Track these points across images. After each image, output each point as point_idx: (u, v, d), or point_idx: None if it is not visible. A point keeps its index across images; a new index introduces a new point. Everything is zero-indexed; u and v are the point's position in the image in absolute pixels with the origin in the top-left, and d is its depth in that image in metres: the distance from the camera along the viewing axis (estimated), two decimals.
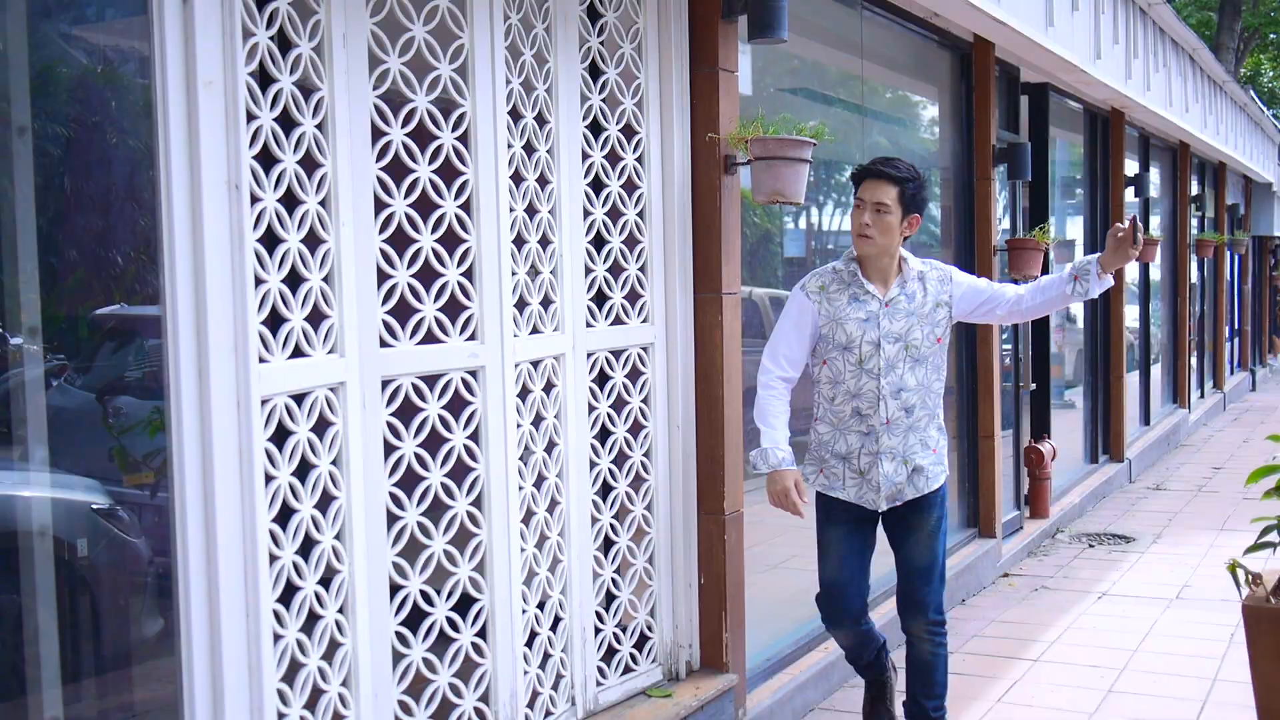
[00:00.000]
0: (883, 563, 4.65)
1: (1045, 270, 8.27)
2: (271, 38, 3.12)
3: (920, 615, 4.43)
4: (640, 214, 4.46)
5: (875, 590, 5.00)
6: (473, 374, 3.72)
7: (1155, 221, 13.22)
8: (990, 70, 7.55)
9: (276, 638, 3.12)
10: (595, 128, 4.26)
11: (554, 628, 4.10)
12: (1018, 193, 8.72)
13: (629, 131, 4.40)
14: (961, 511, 7.62)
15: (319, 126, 3.26)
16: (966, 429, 7.65)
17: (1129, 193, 11.56)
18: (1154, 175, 13.11)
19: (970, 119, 7.62)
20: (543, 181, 4.02)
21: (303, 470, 3.24)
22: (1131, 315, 12.35)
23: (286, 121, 3.19)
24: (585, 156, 4.19)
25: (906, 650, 4.55)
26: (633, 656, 4.46)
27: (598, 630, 4.28)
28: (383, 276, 3.44)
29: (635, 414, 4.47)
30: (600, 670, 4.30)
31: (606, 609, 4.35)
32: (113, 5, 3.37)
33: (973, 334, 7.60)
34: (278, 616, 3.13)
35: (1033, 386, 8.92)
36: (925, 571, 4.42)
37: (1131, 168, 11.97)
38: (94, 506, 3.52)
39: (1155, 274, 13.66)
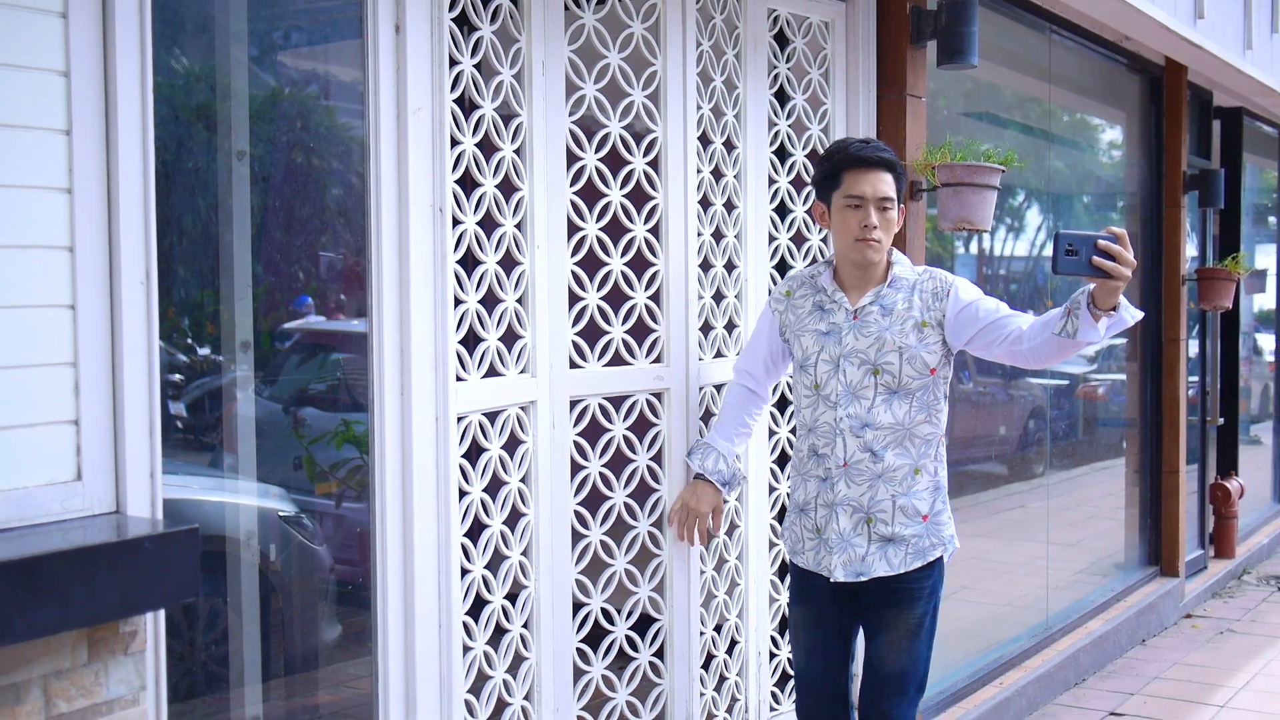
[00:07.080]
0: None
1: (1236, 304, 7.97)
2: (476, 66, 3.22)
3: None
4: (825, 239, 4.44)
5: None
6: (657, 396, 3.76)
7: None
8: (1182, 94, 7.32)
9: (465, 649, 3.20)
10: (781, 153, 4.27)
11: (730, 651, 4.11)
12: (1208, 221, 8.42)
13: (815, 156, 4.40)
14: (1142, 548, 7.38)
15: (517, 151, 3.35)
16: (1149, 463, 7.41)
17: None
18: None
19: (1159, 144, 7.39)
20: (729, 206, 4.05)
21: (493, 487, 3.32)
22: None
23: (487, 146, 3.28)
24: (772, 182, 4.20)
25: None
26: None
27: (773, 655, 4.27)
28: (574, 298, 3.51)
29: None
30: (774, 695, 4.28)
31: (782, 635, 4.34)
32: (328, 30, 3.52)
33: (1157, 362, 7.37)
34: (467, 629, 3.21)
35: (1221, 421, 8.58)
36: (896, 680, 3.48)
37: None
38: (281, 514, 3.66)
39: None
